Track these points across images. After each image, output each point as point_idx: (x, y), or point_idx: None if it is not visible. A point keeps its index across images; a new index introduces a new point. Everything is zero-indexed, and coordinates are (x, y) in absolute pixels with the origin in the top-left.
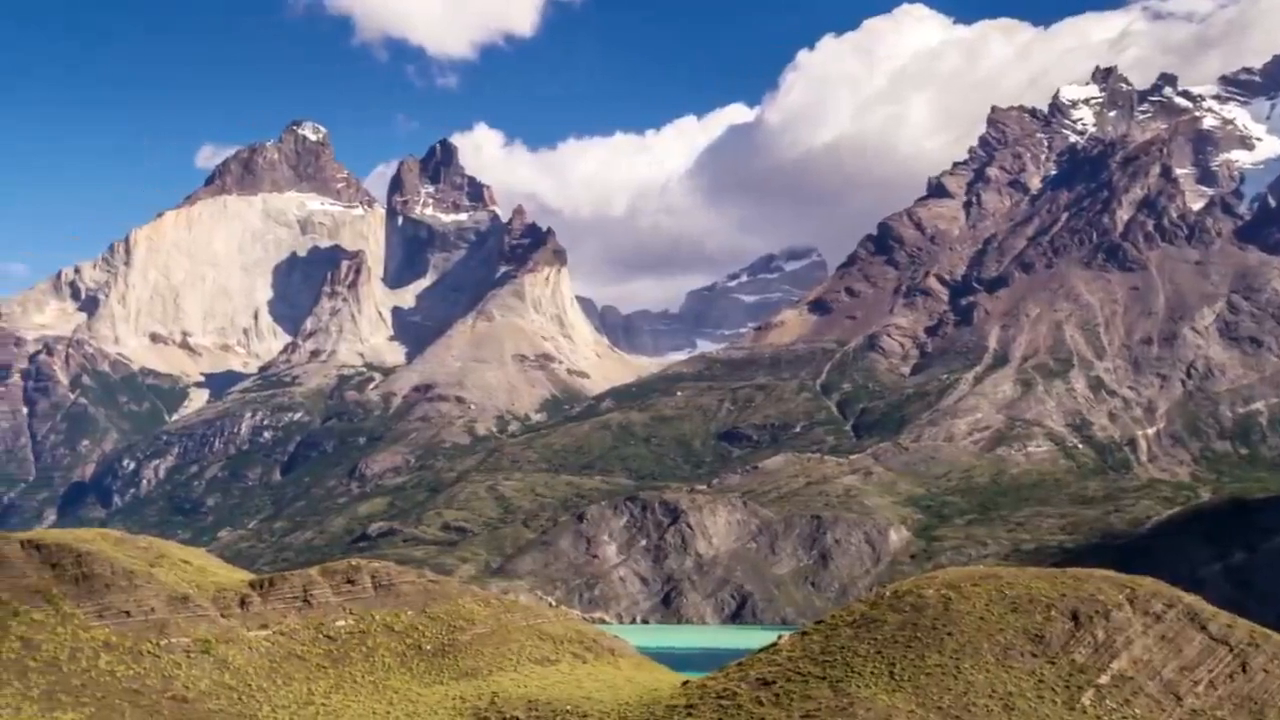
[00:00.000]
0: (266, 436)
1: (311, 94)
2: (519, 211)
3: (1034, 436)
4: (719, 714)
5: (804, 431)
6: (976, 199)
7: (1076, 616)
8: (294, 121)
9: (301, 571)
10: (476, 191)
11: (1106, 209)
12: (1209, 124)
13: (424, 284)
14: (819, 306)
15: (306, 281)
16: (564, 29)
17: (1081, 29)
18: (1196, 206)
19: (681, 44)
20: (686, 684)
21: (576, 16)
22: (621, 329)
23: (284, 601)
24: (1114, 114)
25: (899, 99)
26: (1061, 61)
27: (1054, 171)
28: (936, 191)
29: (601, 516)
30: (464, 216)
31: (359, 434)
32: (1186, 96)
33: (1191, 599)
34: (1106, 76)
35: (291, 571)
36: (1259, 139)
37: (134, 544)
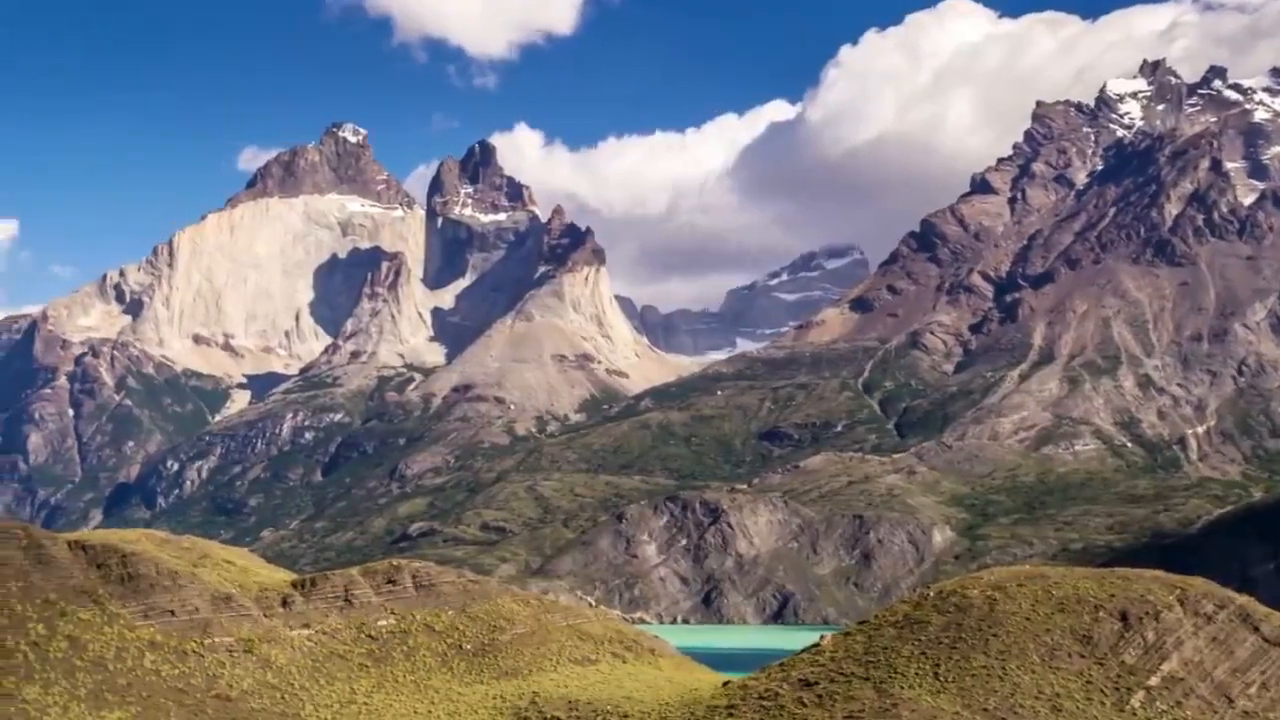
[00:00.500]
0: (308, 437)
1: (351, 95)
2: (558, 211)
3: (1081, 435)
4: (761, 715)
5: (845, 430)
6: (1021, 195)
7: (1126, 617)
8: (334, 124)
9: (343, 571)
10: (515, 192)
11: (1155, 204)
12: (1260, 117)
13: (463, 284)
14: (861, 304)
15: (347, 283)
16: (604, 27)
17: (1129, 22)
18: (1248, 201)
19: (722, 41)
20: (728, 684)
21: (616, 14)
22: (661, 328)
23: (326, 601)
24: (1162, 107)
25: (942, 95)
26: (1108, 55)
27: (1100, 166)
28: (980, 188)
29: (641, 516)
30: (503, 217)
31: (399, 434)
32: (1237, 89)
33: (1244, 600)
34: (1154, 69)
35: (333, 571)
36: None
37: (178, 544)
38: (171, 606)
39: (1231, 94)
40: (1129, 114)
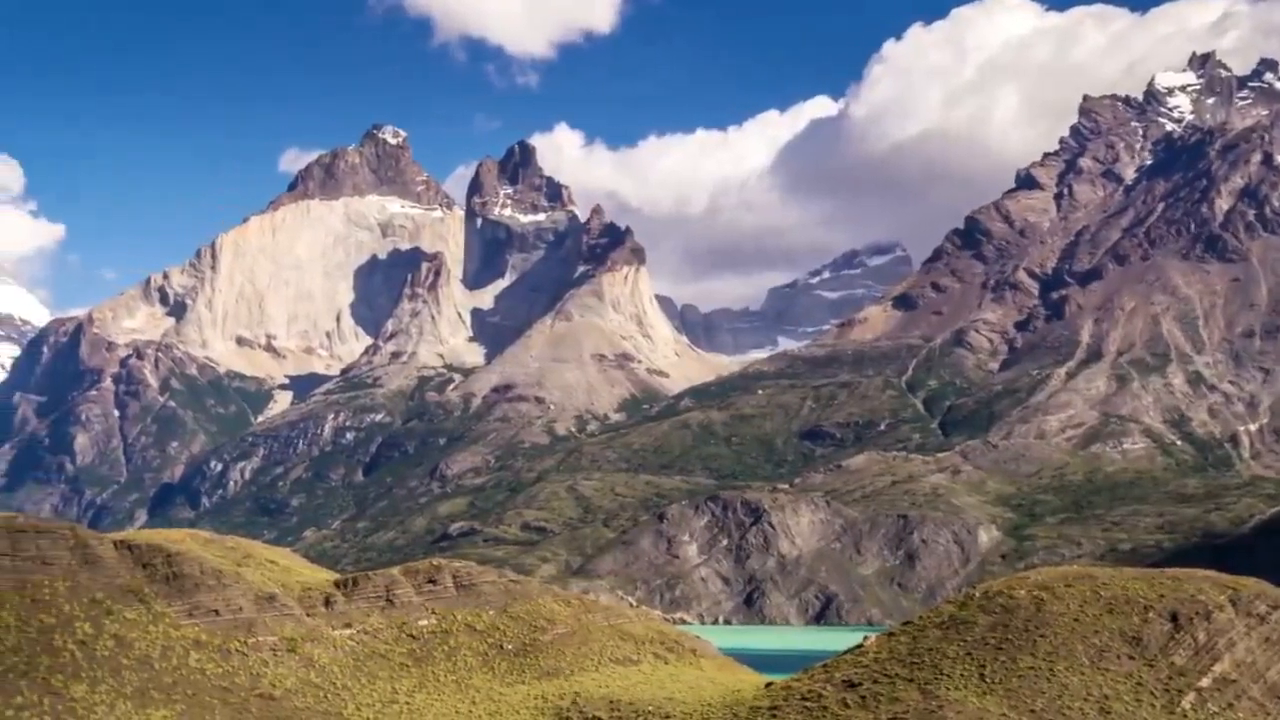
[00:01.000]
0: (349, 437)
1: (391, 96)
2: (597, 211)
3: (1130, 433)
4: (804, 716)
5: (889, 429)
6: (1068, 190)
7: (1176, 618)
8: (374, 125)
9: (384, 571)
10: (555, 192)
11: (1205, 198)
12: None
13: (503, 285)
14: (904, 302)
15: (387, 284)
16: (644, 25)
17: (1179, 14)
18: None
19: (764, 36)
20: (770, 685)
21: (656, 12)
22: (701, 327)
23: (367, 601)
24: (1212, 101)
25: (988, 90)
26: (1158, 48)
27: (1149, 161)
28: (1025, 183)
29: (682, 516)
30: (542, 217)
31: (439, 434)
32: None
33: None
34: (1204, 62)
35: (374, 571)
36: None
37: (221, 544)
38: (216, 606)
39: None
40: (1178, 108)
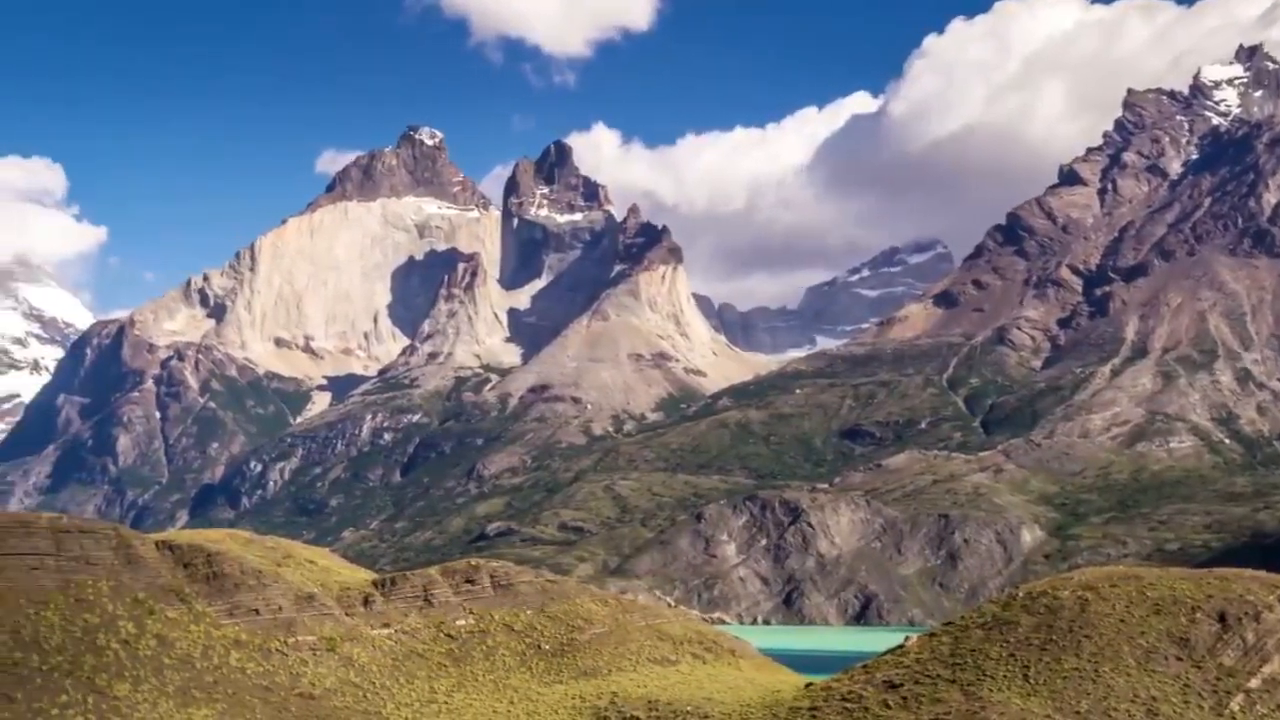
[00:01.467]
0: (386, 438)
1: (428, 96)
2: (633, 210)
3: (1176, 431)
4: (844, 717)
5: (930, 428)
6: (1112, 185)
7: (1224, 618)
8: (411, 127)
9: (422, 571)
10: (591, 191)
11: (1253, 193)
12: None
13: (539, 285)
14: (944, 299)
15: (424, 285)
16: (681, 23)
17: (1226, 6)
18: None
19: (802, 33)
20: (810, 686)
21: (693, 9)
22: (739, 326)
23: (406, 601)
24: (1259, 94)
25: (1032, 84)
26: (1204, 41)
27: (1195, 155)
28: (1068, 179)
29: (720, 516)
30: (579, 216)
31: (476, 435)
32: None
33: None
34: (1251, 55)
35: (412, 571)
36: None
37: (261, 544)
38: (256, 605)
39: None
40: (1225, 101)
